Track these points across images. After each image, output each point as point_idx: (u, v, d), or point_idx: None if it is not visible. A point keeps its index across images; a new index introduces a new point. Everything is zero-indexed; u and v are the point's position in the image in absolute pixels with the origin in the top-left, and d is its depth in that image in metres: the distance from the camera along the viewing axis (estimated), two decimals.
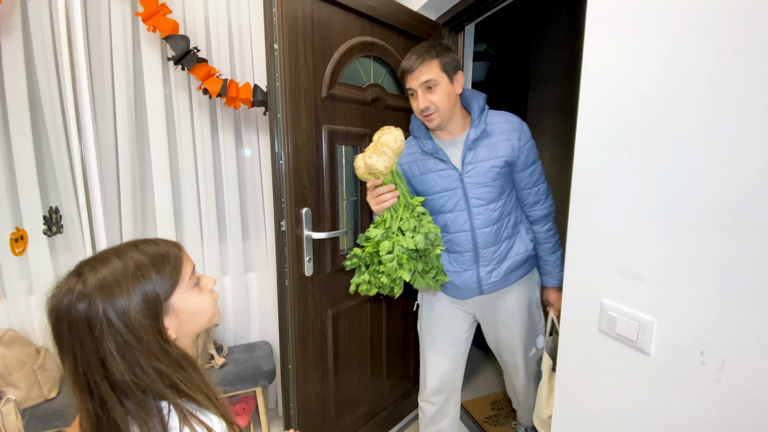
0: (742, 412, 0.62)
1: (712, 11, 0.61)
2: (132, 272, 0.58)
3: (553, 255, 1.32)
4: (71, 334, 0.54)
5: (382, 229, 1.07)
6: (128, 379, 0.54)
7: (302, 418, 1.36)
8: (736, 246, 0.60)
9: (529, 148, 1.22)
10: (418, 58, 1.14)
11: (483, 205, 1.21)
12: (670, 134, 0.69)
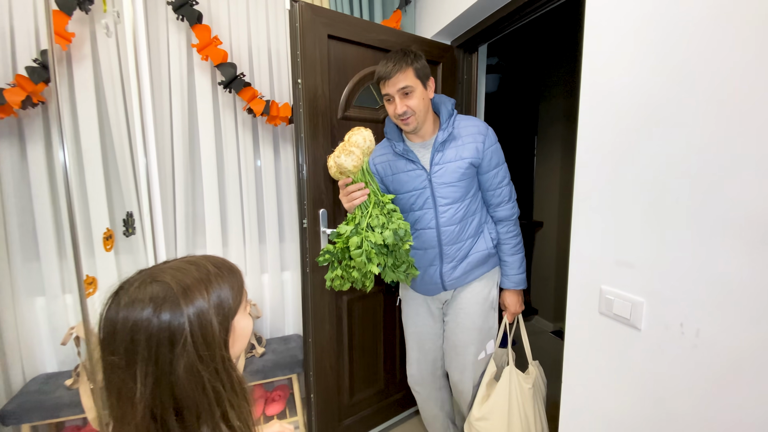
0: (712, 369, 0.77)
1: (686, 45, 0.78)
2: (213, 278, 0.57)
3: (513, 257, 1.36)
4: (148, 347, 0.49)
5: (352, 225, 1.11)
6: (191, 401, 0.51)
7: (319, 386, 1.58)
8: (706, 239, 0.76)
9: (492, 151, 1.28)
10: (395, 66, 1.18)
11: (448, 204, 1.27)
12: (653, 147, 0.85)
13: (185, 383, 0.50)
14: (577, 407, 1.11)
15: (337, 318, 1.60)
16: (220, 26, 1.69)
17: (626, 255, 0.93)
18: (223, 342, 0.55)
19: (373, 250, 1.08)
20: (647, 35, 0.85)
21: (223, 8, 1.70)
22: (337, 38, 1.49)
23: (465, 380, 1.39)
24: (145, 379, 0.49)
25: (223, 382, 0.53)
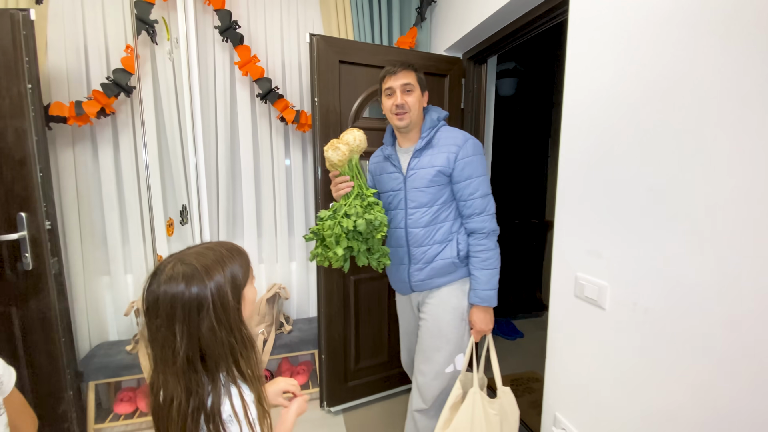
0: (654, 338, 0.94)
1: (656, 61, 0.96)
2: (226, 259, 0.72)
3: (481, 272, 1.30)
4: (184, 312, 0.64)
5: (331, 211, 1.24)
6: (215, 349, 0.66)
7: (328, 350, 1.88)
8: (655, 235, 0.94)
9: (466, 162, 1.27)
10: (401, 65, 1.30)
11: (416, 207, 1.32)
12: (614, 160, 1.03)
13: (208, 338, 0.66)
14: (558, 375, 1.29)
15: (345, 295, 1.88)
16: (257, 46, 1.95)
17: (596, 246, 1.11)
18: (236, 308, 0.70)
19: (343, 235, 1.18)
20: (611, 68, 1.03)
21: (261, 31, 1.96)
22: (348, 62, 1.75)
23: (430, 388, 1.32)
24: (181, 335, 0.64)
25: (236, 338, 0.69)
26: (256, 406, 0.71)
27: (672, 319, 0.90)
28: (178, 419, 0.64)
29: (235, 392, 0.69)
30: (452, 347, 1.32)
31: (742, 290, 0.76)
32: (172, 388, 0.65)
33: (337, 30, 2.00)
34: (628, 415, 1.03)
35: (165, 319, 0.65)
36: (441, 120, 1.36)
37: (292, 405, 0.91)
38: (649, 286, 0.95)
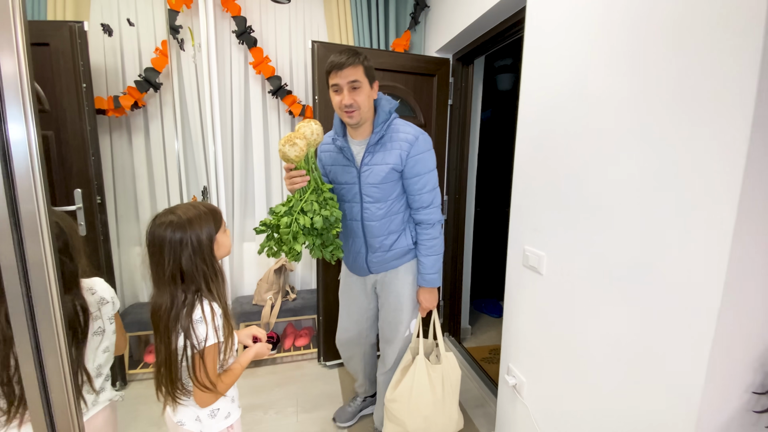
0: (570, 293, 1.20)
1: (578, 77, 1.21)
2: (205, 215, 0.97)
3: (426, 258, 1.43)
4: (170, 246, 0.91)
5: (287, 207, 1.20)
6: (191, 271, 0.92)
7: (325, 313, 2.17)
8: (575, 215, 1.19)
9: (416, 160, 1.33)
10: (348, 59, 1.22)
11: (372, 202, 1.38)
12: (549, 155, 1.28)
13: (186, 264, 0.91)
14: (510, 332, 1.57)
15: (340, 267, 2.12)
16: (269, 48, 2.21)
17: (538, 224, 1.37)
18: (209, 246, 0.96)
19: (300, 231, 1.19)
20: (551, 78, 1.28)
21: (272, 35, 2.22)
22: None
23: (393, 351, 1.54)
24: (168, 260, 0.90)
25: (207, 266, 0.94)
26: (222, 320, 0.95)
27: (588, 279, 1.16)
28: (165, 319, 0.91)
29: (206, 303, 0.94)
30: (408, 315, 1.53)
31: (637, 258, 1.01)
32: (162, 297, 0.91)
33: (339, 33, 2.25)
34: (558, 358, 1.30)
35: (158, 250, 0.91)
36: (392, 112, 1.37)
37: (255, 345, 1.13)
38: (572, 254, 1.21)
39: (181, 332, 0.91)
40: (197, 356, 0.92)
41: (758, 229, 0.79)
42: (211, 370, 0.95)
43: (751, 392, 0.89)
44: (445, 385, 1.47)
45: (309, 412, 1.90)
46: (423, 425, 1.43)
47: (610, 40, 1.05)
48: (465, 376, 2.26)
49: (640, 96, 0.97)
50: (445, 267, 2.52)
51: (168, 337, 0.91)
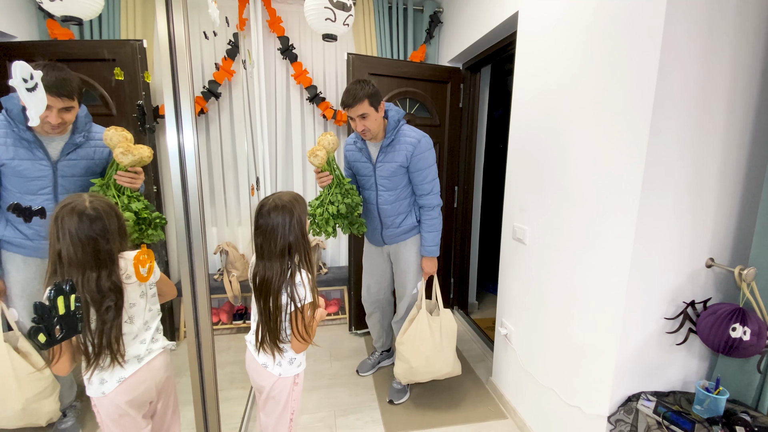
0: (555, 260, 1.57)
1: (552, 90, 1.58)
2: (301, 200, 1.18)
3: (427, 233, 1.81)
4: (282, 224, 1.10)
5: (319, 200, 1.66)
6: (294, 245, 1.11)
7: (355, 288, 2.53)
8: (551, 195, 1.56)
9: (419, 158, 1.69)
10: (354, 99, 1.58)
11: (384, 190, 1.77)
12: (530, 144, 1.65)
13: (293, 240, 1.12)
14: (504, 294, 1.94)
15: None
16: (306, 62, 2.64)
17: (524, 204, 1.74)
18: (305, 224, 1.16)
19: (330, 217, 1.64)
20: (535, 83, 1.64)
21: (308, 50, 2.65)
22: (375, 74, 2.37)
23: (403, 305, 1.96)
24: (280, 237, 1.09)
25: (305, 241, 1.16)
26: (313, 284, 1.17)
27: (555, 245, 1.53)
28: (277, 284, 1.11)
29: (304, 272, 1.15)
30: (414, 277, 1.91)
31: (586, 227, 1.38)
32: (272, 269, 1.11)
33: (365, 47, 2.65)
34: (534, 307, 1.67)
35: (272, 230, 1.11)
36: (400, 120, 1.73)
37: (320, 309, 1.29)
38: (546, 227, 1.58)
39: (285, 293, 1.12)
40: (298, 312, 1.13)
41: (661, 204, 1.15)
42: (309, 323, 1.16)
43: (664, 318, 1.24)
44: (443, 333, 1.83)
45: (340, 360, 2.34)
46: (425, 364, 1.80)
47: (574, 57, 1.42)
48: (470, 339, 2.65)
49: (591, 103, 1.34)
50: (455, 249, 2.90)
51: (277, 297, 1.12)
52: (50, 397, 1.51)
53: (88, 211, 0.97)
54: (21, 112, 1.30)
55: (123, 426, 1.12)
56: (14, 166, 1.32)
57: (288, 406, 1.25)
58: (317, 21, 1.44)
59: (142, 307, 1.13)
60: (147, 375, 1.13)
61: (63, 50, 2.11)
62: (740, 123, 1.16)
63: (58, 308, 0.67)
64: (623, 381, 1.27)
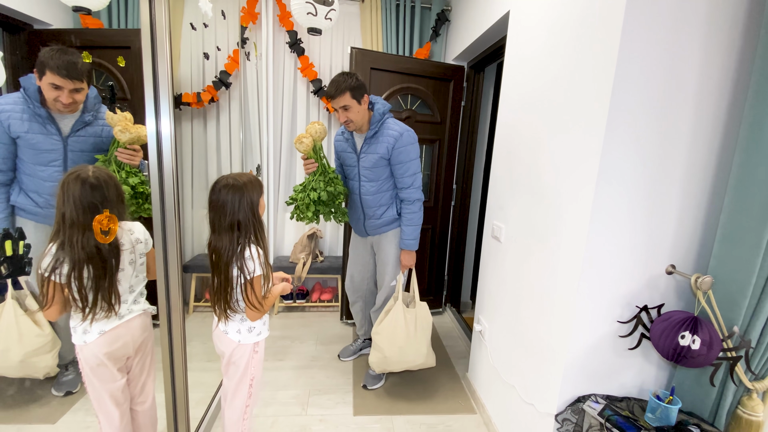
0: (524, 258, 1.58)
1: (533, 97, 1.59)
2: (255, 182, 1.24)
3: (407, 227, 1.85)
4: (231, 200, 1.17)
5: (302, 186, 1.72)
6: (244, 222, 1.18)
7: (346, 275, 2.54)
8: (521, 195, 1.57)
9: (400, 151, 1.73)
10: (336, 90, 1.64)
11: (367, 180, 1.82)
12: (511, 148, 1.66)
13: (241, 216, 1.18)
14: (481, 291, 1.96)
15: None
16: (313, 55, 2.73)
17: (501, 203, 1.75)
18: (256, 205, 1.23)
19: (312, 203, 1.69)
20: (518, 89, 1.65)
21: (316, 44, 2.73)
22: (377, 69, 2.42)
23: (381, 295, 2.03)
24: (229, 213, 1.17)
25: (254, 219, 1.22)
26: (264, 259, 1.24)
27: (524, 242, 1.54)
28: (226, 256, 1.19)
29: (254, 247, 1.21)
30: (393, 269, 1.97)
31: (553, 230, 1.39)
32: (221, 241, 1.19)
33: (371, 42, 2.70)
34: (505, 304, 1.68)
35: (222, 206, 1.19)
36: (385, 113, 1.77)
37: (282, 283, 1.40)
38: (518, 224, 1.59)
39: (235, 266, 1.20)
40: (248, 284, 1.21)
41: (610, 216, 1.14)
42: (258, 294, 1.24)
43: (617, 321, 1.24)
44: (417, 325, 1.86)
45: (324, 345, 2.42)
46: (398, 353, 1.84)
47: (548, 58, 1.42)
48: (456, 336, 2.67)
49: (557, 104, 1.34)
50: (450, 247, 2.92)
51: (227, 269, 1.21)
52: (49, 353, 1.62)
53: (91, 179, 1.10)
54: (36, 91, 1.45)
55: (99, 375, 1.24)
56: (28, 139, 1.47)
57: (247, 372, 1.34)
58: (300, 15, 1.51)
59: (130, 273, 1.25)
60: (125, 331, 1.25)
61: (88, 37, 2.29)
62: (709, 126, 1.13)
63: (5, 250, 0.78)
64: (573, 381, 1.27)
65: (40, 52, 1.41)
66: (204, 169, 2.88)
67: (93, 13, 1.55)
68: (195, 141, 2.82)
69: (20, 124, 1.45)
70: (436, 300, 2.98)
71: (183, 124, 2.75)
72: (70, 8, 2.65)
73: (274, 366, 2.18)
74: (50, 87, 1.41)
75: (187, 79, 2.68)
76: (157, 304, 1.30)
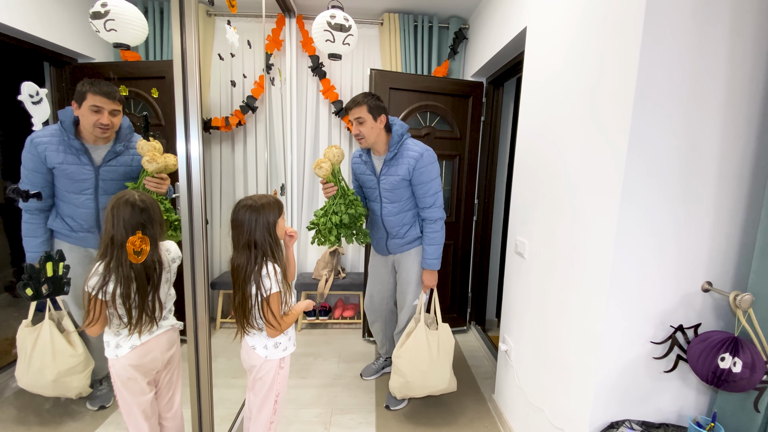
0: (547, 272, 1.54)
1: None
2: (273, 204, 1.28)
3: (429, 247, 1.81)
4: (249, 220, 1.22)
5: (323, 210, 1.72)
6: (261, 241, 1.23)
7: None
8: (548, 212, 1.55)
9: (421, 172, 1.71)
10: (354, 103, 1.68)
11: (388, 202, 1.81)
12: (530, 165, 1.64)
13: (257, 236, 1.23)
14: (507, 309, 1.91)
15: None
16: (334, 77, 2.82)
17: (525, 218, 1.72)
18: (273, 225, 1.27)
19: (333, 227, 1.70)
20: (536, 106, 1.64)
21: (337, 68, 2.83)
22: (395, 88, 2.47)
23: (404, 316, 1.98)
24: (246, 232, 1.22)
25: (271, 239, 1.26)
26: (281, 277, 1.27)
27: (548, 258, 1.50)
28: (243, 273, 1.24)
29: (270, 264, 1.25)
30: (415, 288, 1.93)
31: (579, 246, 1.35)
32: (240, 258, 1.24)
33: (390, 63, 2.77)
34: (533, 325, 1.63)
35: (240, 225, 1.25)
36: (404, 135, 1.77)
37: (303, 301, 1.45)
38: (542, 240, 1.55)
39: (253, 283, 1.24)
40: (265, 301, 1.24)
41: (638, 229, 1.10)
42: (276, 312, 1.26)
43: (650, 342, 1.18)
44: (440, 348, 1.80)
45: (347, 362, 2.41)
46: (421, 378, 1.79)
47: (571, 78, 1.41)
48: (481, 356, 2.59)
49: (578, 113, 1.32)
50: (473, 263, 2.87)
51: (244, 285, 1.25)
52: (81, 373, 1.68)
53: (139, 203, 1.19)
54: (72, 124, 1.56)
55: (130, 388, 1.29)
56: (63, 169, 1.57)
57: (273, 388, 1.36)
58: (320, 42, 1.57)
59: (165, 290, 1.33)
60: (155, 346, 1.31)
61: (127, 70, 2.47)
62: (742, 132, 1.08)
63: (46, 271, 0.83)
64: (606, 405, 1.21)
65: (78, 83, 1.53)
66: (232, 188, 2.99)
67: (132, 46, 1.66)
68: (223, 162, 2.94)
69: (56, 155, 1.55)
70: (460, 318, 2.92)
71: (213, 146, 2.88)
72: (111, 44, 2.89)
73: (297, 383, 2.18)
74: (90, 111, 1.51)
75: (217, 105, 2.83)
76: (184, 319, 1.35)
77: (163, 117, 2.36)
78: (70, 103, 1.55)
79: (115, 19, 1.49)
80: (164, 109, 2.34)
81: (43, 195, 1.58)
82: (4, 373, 1.96)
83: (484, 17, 2.47)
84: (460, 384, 2.18)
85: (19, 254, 1.63)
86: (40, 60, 2.15)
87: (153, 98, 2.31)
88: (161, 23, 2.60)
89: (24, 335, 1.61)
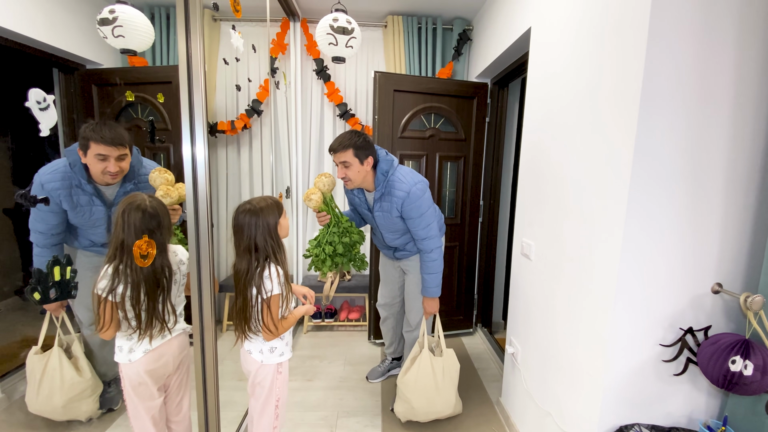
0: (554, 275, 1.53)
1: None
2: (272, 206, 1.26)
3: (427, 275, 1.78)
4: (249, 224, 1.21)
5: (317, 241, 1.70)
6: (262, 244, 1.22)
7: (375, 299, 2.52)
8: (553, 213, 1.54)
9: (409, 208, 1.66)
10: (339, 146, 1.61)
11: (387, 231, 1.84)
12: (537, 167, 1.63)
13: (258, 239, 1.22)
14: (513, 311, 1.90)
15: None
16: (338, 80, 2.83)
17: (530, 220, 1.71)
18: (274, 227, 1.25)
19: (328, 257, 1.69)
20: (541, 108, 1.63)
21: (341, 71, 2.84)
22: (399, 90, 2.47)
23: (411, 319, 2.01)
24: (246, 237, 1.21)
25: (273, 241, 1.24)
26: (283, 279, 1.26)
27: (554, 260, 1.49)
28: (243, 277, 1.24)
29: (272, 266, 1.24)
30: (419, 301, 1.92)
31: (586, 247, 1.34)
32: (241, 262, 1.24)
33: (394, 65, 2.77)
34: (540, 328, 1.62)
35: (240, 229, 1.24)
36: (389, 171, 1.70)
37: (305, 305, 1.44)
38: (547, 241, 1.54)
39: (254, 286, 1.24)
40: (265, 304, 1.24)
41: (642, 228, 1.09)
42: (275, 315, 1.26)
43: (659, 345, 1.16)
44: (445, 374, 1.77)
45: (353, 365, 2.41)
46: (426, 405, 1.76)
47: (576, 78, 1.40)
48: (488, 358, 2.57)
49: (582, 113, 1.31)
50: (479, 265, 2.86)
51: (245, 289, 1.25)
52: (90, 398, 1.71)
53: (149, 208, 1.20)
54: (83, 168, 1.53)
55: (140, 393, 1.30)
56: (77, 211, 1.58)
57: (272, 393, 1.35)
58: (323, 45, 1.58)
59: (174, 293, 1.34)
60: (167, 350, 1.32)
61: (134, 75, 2.49)
62: (751, 131, 1.07)
63: (54, 275, 0.84)
64: (614, 408, 1.19)
65: (80, 129, 1.49)
66: (237, 192, 3.01)
67: (139, 52, 1.67)
68: (229, 165, 2.96)
69: (69, 200, 1.55)
70: (466, 320, 2.91)
71: (218, 150, 2.91)
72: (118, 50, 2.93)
73: (303, 386, 2.18)
74: (96, 159, 1.48)
75: (222, 109, 2.85)
76: (191, 322, 1.35)
77: (170, 121, 2.39)
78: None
79: (123, 25, 1.51)
80: (170, 114, 2.36)
81: (58, 231, 1.59)
82: (13, 377, 1.98)
83: (488, 18, 2.47)
84: (467, 386, 2.18)
85: (29, 258, 1.66)
86: (49, 66, 2.18)
87: (159, 103, 2.34)
88: (167, 29, 2.62)
89: (33, 362, 1.63)
